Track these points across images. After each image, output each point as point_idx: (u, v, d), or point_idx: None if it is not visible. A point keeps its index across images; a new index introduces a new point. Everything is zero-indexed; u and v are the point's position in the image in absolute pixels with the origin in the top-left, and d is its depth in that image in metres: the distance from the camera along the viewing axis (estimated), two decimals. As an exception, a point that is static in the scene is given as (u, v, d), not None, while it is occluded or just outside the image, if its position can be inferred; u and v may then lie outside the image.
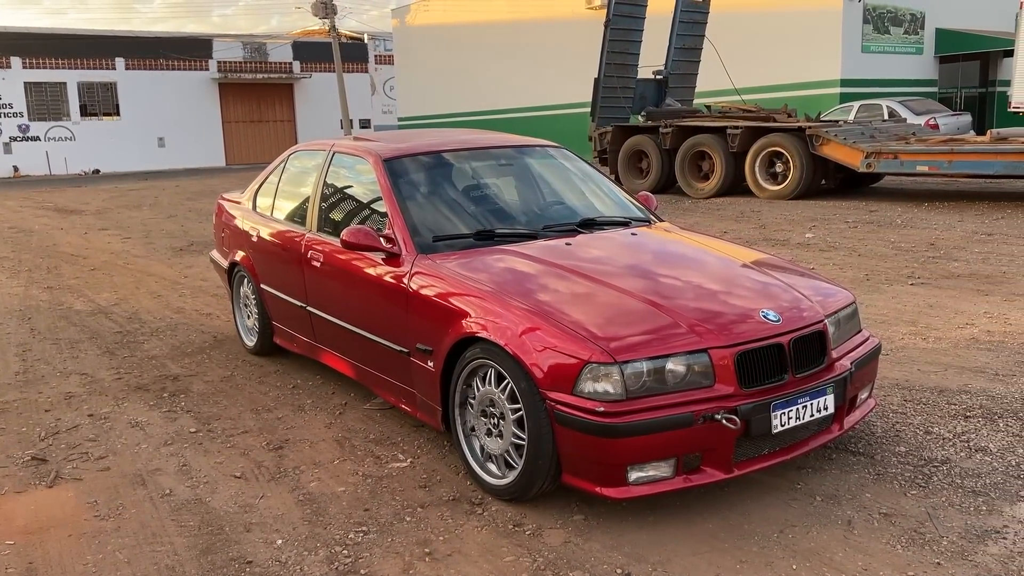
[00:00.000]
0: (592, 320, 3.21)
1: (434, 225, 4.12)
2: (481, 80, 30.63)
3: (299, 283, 4.78)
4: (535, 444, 3.17)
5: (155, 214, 15.50)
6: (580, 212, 4.47)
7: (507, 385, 3.30)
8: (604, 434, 3.00)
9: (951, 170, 11.61)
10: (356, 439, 4.12)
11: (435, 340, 3.66)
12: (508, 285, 3.52)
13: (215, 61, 39.33)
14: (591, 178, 4.88)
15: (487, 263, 3.76)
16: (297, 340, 5.05)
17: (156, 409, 4.64)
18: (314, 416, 4.46)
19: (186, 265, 9.38)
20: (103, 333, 6.36)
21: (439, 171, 4.50)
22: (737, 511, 3.26)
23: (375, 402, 4.61)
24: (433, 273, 3.75)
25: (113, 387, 5.06)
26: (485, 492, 3.47)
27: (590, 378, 3.04)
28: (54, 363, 5.61)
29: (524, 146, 4.90)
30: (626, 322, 3.21)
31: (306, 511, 3.38)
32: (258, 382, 5.07)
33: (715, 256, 4.01)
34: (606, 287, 3.46)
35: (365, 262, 4.16)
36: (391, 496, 3.49)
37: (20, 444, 4.20)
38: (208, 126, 39.48)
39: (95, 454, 4.04)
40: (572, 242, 4.01)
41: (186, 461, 3.93)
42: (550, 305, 3.32)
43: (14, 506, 3.53)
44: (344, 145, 4.84)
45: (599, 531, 3.14)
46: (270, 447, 4.06)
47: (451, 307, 3.57)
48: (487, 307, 3.42)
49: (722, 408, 3.08)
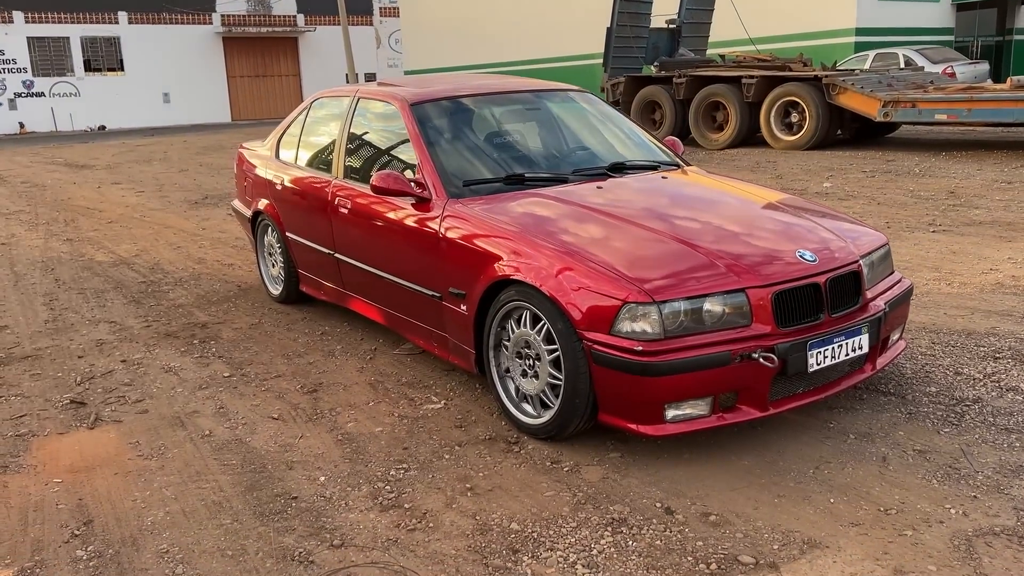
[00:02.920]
0: (628, 261, 3.22)
1: (463, 170, 4.12)
2: (489, 32, 30.27)
3: (326, 230, 4.79)
4: (572, 384, 3.21)
5: (166, 168, 15.47)
6: (609, 156, 4.46)
7: (543, 326, 3.32)
8: (642, 373, 3.03)
9: (970, 118, 11.49)
10: (389, 382, 4.17)
11: (468, 284, 3.68)
12: (541, 228, 3.52)
13: (218, 15, 38.88)
14: (617, 123, 4.86)
15: (519, 207, 3.76)
16: (324, 288, 5.08)
17: (188, 355, 4.69)
18: (345, 361, 4.51)
19: (203, 218, 9.39)
20: (127, 283, 6.40)
21: (466, 116, 4.48)
22: (772, 449, 3.30)
23: (405, 347, 4.65)
24: (465, 217, 3.76)
25: (143, 334, 5.11)
26: (521, 432, 3.52)
27: (628, 318, 3.06)
28: (82, 312, 5.66)
29: (549, 90, 4.87)
30: (663, 263, 3.22)
31: (346, 450, 3.44)
32: (286, 329, 5.11)
33: (748, 199, 4.01)
34: (640, 228, 3.46)
35: (394, 208, 4.17)
36: (428, 436, 3.54)
37: (58, 388, 4.26)
38: (213, 81, 39.15)
39: (132, 397, 4.09)
40: (603, 185, 4.01)
41: (222, 404, 3.98)
42: (585, 247, 3.33)
43: (58, 446, 3.59)
44: (369, 91, 4.82)
45: (636, 468, 3.19)
46: (304, 390, 4.10)
47: (484, 251, 3.59)
48: (521, 250, 3.43)
49: (759, 347, 3.10)
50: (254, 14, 39.88)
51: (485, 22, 30.31)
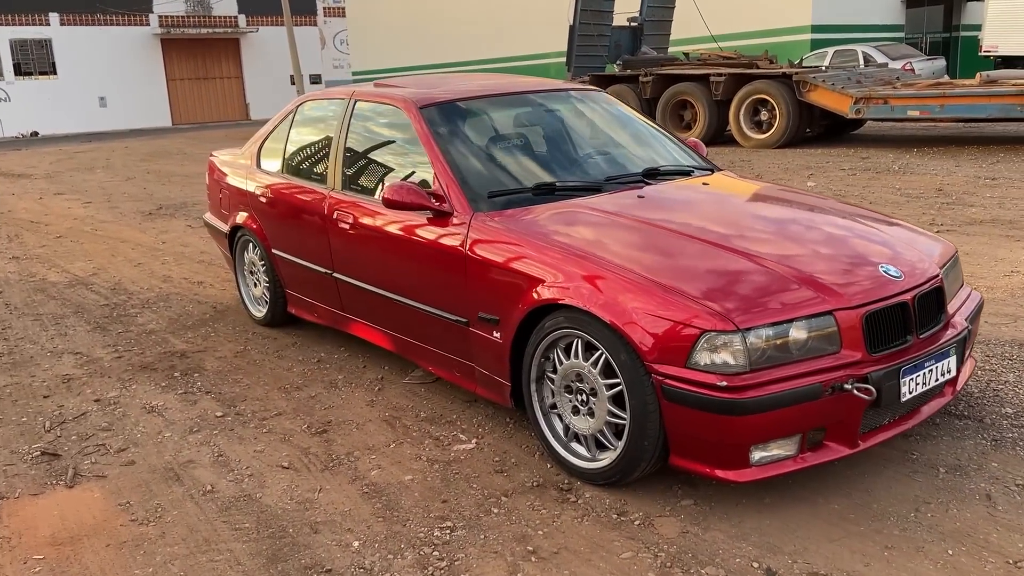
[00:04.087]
0: (701, 282, 2.84)
1: (486, 179, 3.70)
2: (439, 32, 29.75)
3: (322, 247, 4.33)
4: (639, 423, 2.81)
5: (111, 177, 14.69)
6: (639, 161, 4.08)
7: (600, 357, 2.93)
8: (727, 411, 2.65)
9: (943, 114, 11.41)
10: (406, 418, 3.73)
11: (503, 308, 3.26)
12: (590, 244, 3.12)
13: (156, 15, 37.67)
14: (637, 123, 4.48)
15: (559, 220, 3.35)
16: (318, 310, 4.61)
17: (170, 391, 4.19)
18: (351, 393, 4.05)
19: (160, 230, 8.78)
20: (88, 306, 5.83)
21: (480, 119, 4.06)
22: (858, 488, 2.95)
23: (415, 375, 4.21)
24: (497, 233, 3.34)
25: (114, 367, 4.57)
26: (572, 476, 3.11)
27: (707, 349, 2.68)
28: (40, 342, 5.09)
29: (563, 90, 4.48)
30: (739, 284, 2.85)
31: (376, 505, 2.99)
32: (276, 356, 4.63)
33: (801, 206, 3.66)
34: (703, 244, 3.08)
35: (407, 223, 3.74)
36: (467, 484, 3.11)
37: (24, 437, 3.72)
38: (151, 84, 37.93)
39: (113, 446, 3.59)
40: (644, 194, 3.62)
41: (220, 451, 3.50)
42: (648, 266, 2.94)
43: (34, 511, 3.07)
44: (367, 93, 4.36)
45: (716, 518, 2.81)
46: (312, 431, 3.64)
47: (522, 272, 3.17)
48: (569, 270, 3.03)
49: (851, 376, 2.75)
50: (193, 15, 38.73)
51: (435, 22, 29.79)
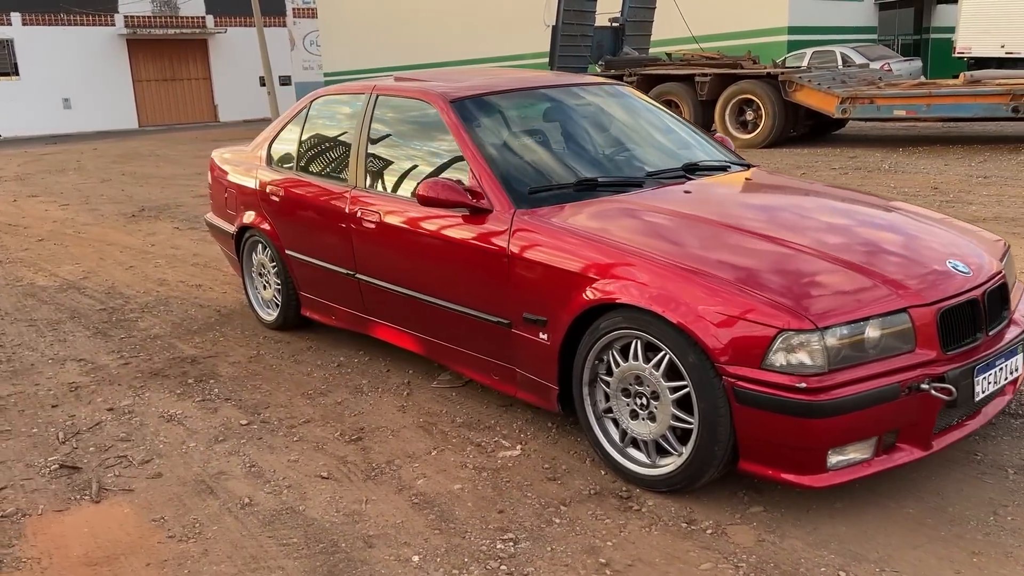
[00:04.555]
0: (773, 280, 2.73)
1: (525, 175, 3.57)
2: (414, 33, 29.53)
3: (343, 247, 4.16)
4: (708, 427, 2.70)
5: (85, 179, 14.32)
6: (675, 155, 3.97)
7: (663, 359, 2.81)
8: (805, 414, 2.54)
9: (930, 114, 11.48)
10: (442, 424, 3.58)
11: (551, 309, 3.13)
12: (648, 242, 3.00)
13: (122, 16, 37.00)
14: (665, 117, 4.36)
15: (610, 217, 3.23)
16: (337, 312, 4.44)
17: (187, 398, 4.00)
18: (379, 399, 3.89)
19: (147, 232, 8.53)
20: (84, 311, 5.60)
21: (512, 113, 3.92)
22: (928, 490, 2.86)
23: (443, 378, 4.07)
24: (543, 231, 3.21)
25: (123, 374, 4.37)
26: (630, 483, 2.99)
27: (783, 349, 2.57)
28: (39, 348, 4.86)
29: (589, 84, 4.35)
30: (812, 281, 2.74)
31: (429, 517, 2.84)
32: (294, 361, 4.45)
33: (856, 203, 3.57)
34: (766, 241, 2.97)
35: (440, 221, 3.59)
36: (521, 493, 2.98)
37: (38, 449, 3.52)
38: (117, 85, 37.21)
39: (136, 458, 3.40)
40: (691, 189, 3.51)
41: (252, 461, 3.33)
42: (713, 263, 2.83)
43: (61, 529, 2.89)
44: (390, 87, 4.21)
45: (789, 524, 2.71)
46: (346, 439, 3.48)
47: (575, 270, 3.04)
48: (627, 268, 2.90)
49: (926, 376, 2.66)
50: (160, 15, 38.09)
51: (409, 23, 29.56)
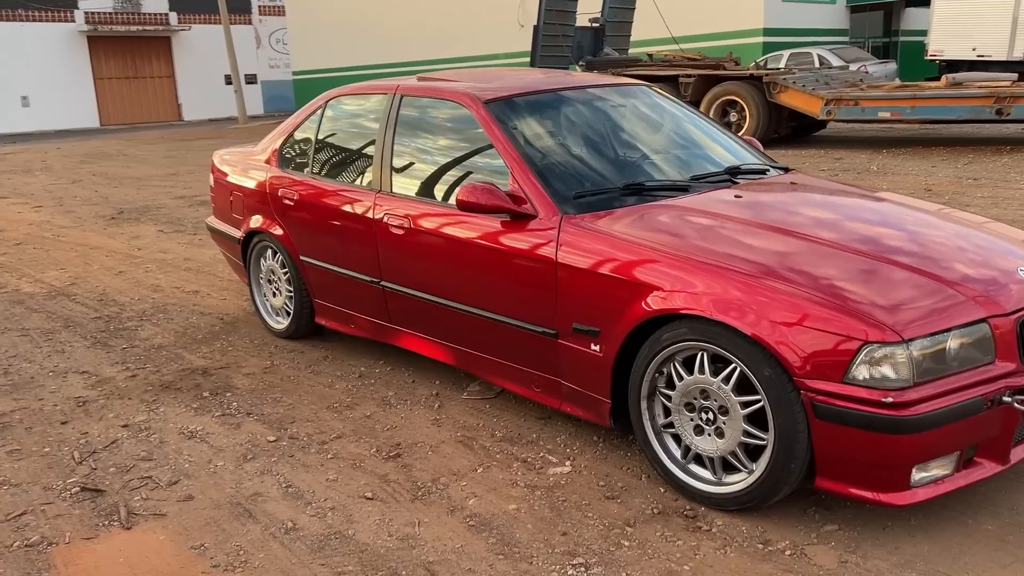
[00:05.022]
0: (850, 289, 2.63)
1: (568, 178, 3.43)
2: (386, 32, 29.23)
3: (367, 254, 4.00)
4: (785, 443, 2.59)
5: (55, 179, 13.91)
6: (713, 157, 3.86)
7: (733, 372, 2.69)
8: (892, 429, 2.44)
9: (914, 116, 11.56)
10: (482, 438, 3.44)
11: (605, 319, 3.01)
12: (713, 248, 2.89)
13: (82, 12, 36.19)
14: (696, 119, 4.26)
15: (664, 222, 3.11)
16: (357, 321, 4.28)
17: (205, 413, 3.81)
18: (410, 411, 3.74)
19: (131, 236, 8.25)
20: (78, 320, 5.35)
21: (548, 115, 3.79)
22: (1003, 506, 2.78)
23: (473, 389, 3.92)
24: (595, 237, 3.08)
25: (132, 388, 4.16)
26: (693, 501, 2.87)
27: (867, 362, 2.47)
28: (37, 360, 4.63)
29: (620, 85, 4.23)
30: (892, 291, 2.65)
31: (490, 541, 2.70)
32: (312, 372, 4.27)
33: (909, 207, 3.49)
34: (837, 249, 2.87)
35: (478, 227, 3.45)
36: (581, 513, 2.84)
37: (54, 471, 3.31)
38: (78, 84, 36.39)
39: (162, 479, 3.21)
40: (741, 194, 3.40)
41: (287, 481, 3.15)
42: (784, 271, 2.72)
43: (94, 559, 2.69)
44: (416, 88, 4.05)
45: (868, 544, 2.60)
46: (383, 455, 3.32)
47: (632, 279, 2.92)
48: (693, 277, 2.78)
49: (1008, 388, 2.58)
50: (121, 12, 37.32)
51: (381, 21, 29.26)
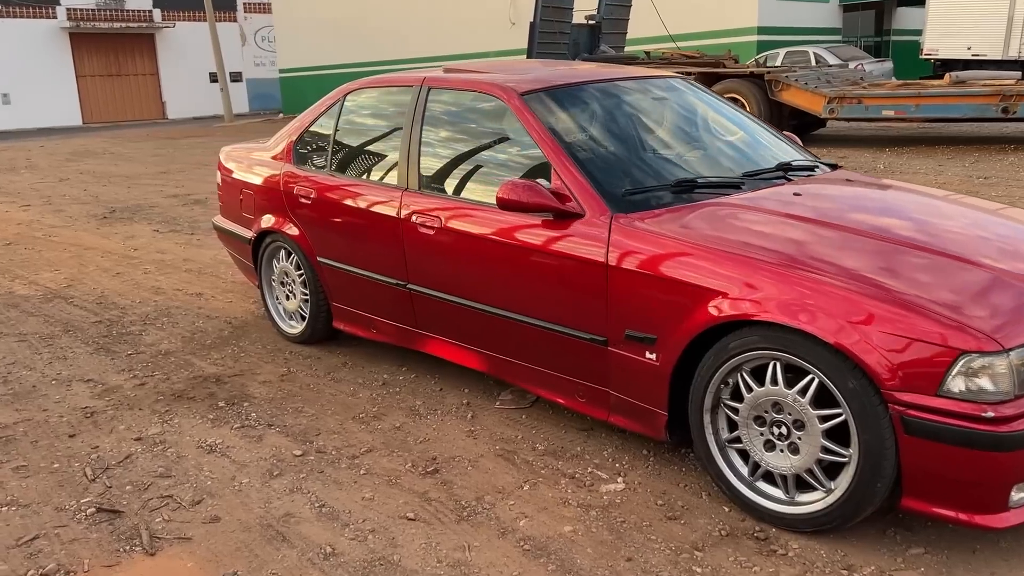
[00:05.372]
0: (941, 294, 2.44)
1: (616, 175, 3.23)
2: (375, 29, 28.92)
3: (392, 255, 3.78)
4: (871, 461, 2.40)
5: (41, 178, 13.57)
6: (761, 153, 3.67)
7: (810, 384, 2.50)
8: (992, 446, 2.26)
9: (918, 114, 11.42)
10: (523, 452, 3.23)
11: (662, 326, 2.81)
12: (783, 250, 2.69)
13: (64, 8, 35.65)
14: (735, 113, 4.06)
15: (726, 221, 2.91)
16: (379, 325, 4.06)
17: (222, 424, 3.58)
18: (441, 422, 3.52)
19: (126, 235, 7.98)
20: (78, 324, 5.10)
21: (587, 107, 3.58)
22: (1093, 525, 2.60)
23: (505, 398, 3.71)
24: (651, 238, 2.87)
25: (140, 396, 3.92)
26: (762, 521, 2.67)
27: (964, 373, 2.28)
28: (37, 367, 4.37)
29: (655, 77, 4.03)
30: (983, 296, 2.46)
31: (549, 567, 2.49)
32: (331, 379, 4.05)
33: (971, 207, 3.32)
34: (916, 250, 2.69)
35: (518, 226, 3.24)
36: (643, 535, 2.64)
37: (66, 489, 3.07)
38: (60, 81, 35.87)
39: (184, 498, 2.98)
40: (800, 191, 3.21)
41: (319, 499, 2.93)
42: (866, 275, 2.53)
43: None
44: (443, 80, 3.84)
45: (960, 569, 2.42)
46: (420, 471, 3.11)
47: (694, 283, 2.72)
48: (765, 281, 2.59)
49: (1100, 401, 2.40)
50: (104, 8, 36.82)
51: (370, 18, 28.95)
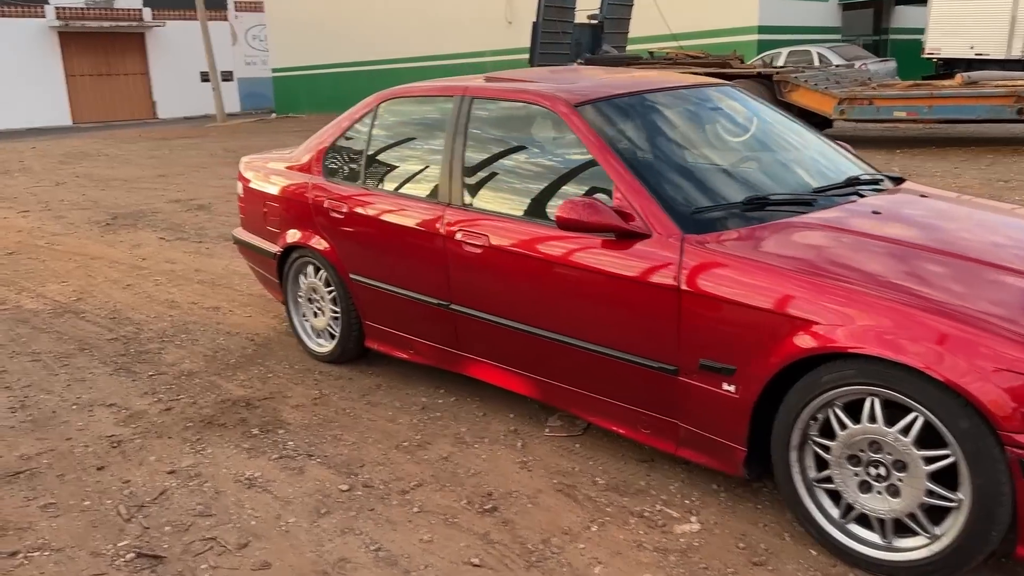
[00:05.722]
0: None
1: (682, 193, 3.05)
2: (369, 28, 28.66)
3: (434, 274, 3.60)
4: (984, 506, 2.23)
5: (36, 181, 13.30)
6: (825, 167, 3.49)
7: (913, 422, 2.33)
8: (1122, 492, 2.09)
9: (931, 115, 11.29)
10: (583, 487, 3.05)
11: (743, 356, 2.63)
12: (878, 275, 2.52)
13: (52, 7, 35.25)
14: (790, 122, 3.88)
15: (809, 243, 2.73)
16: (417, 346, 3.87)
17: (259, 455, 3.38)
18: (490, 452, 3.34)
19: (132, 244, 7.75)
20: (93, 341, 4.89)
21: (644, 120, 3.39)
22: None
23: (554, 425, 3.53)
24: (729, 261, 2.69)
25: (168, 423, 3.72)
26: (856, 567, 2.50)
27: (1089, 412, 2.11)
28: (55, 390, 4.17)
29: (706, 86, 3.84)
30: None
31: (636, 621, 2.31)
32: (366, 403, 3.86)
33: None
34: (1019, 275, 2.52)
35: (574, 246, 3.06)
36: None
37: (100, 530, 2.87)
38: (49, 80, 35.49)
39: (230, 540, 2.78)
40: (880, 210, 3.04)
41: (374, 540, 2.74)
42: (972, 303, 2.36)
43: (169, 651, 2.27)
44: (487, 89, 3.65)
45: (1080, 622, 2.25)
46: (477, 508, 2.92)
47: (779, 310, 2.54)
48: (862, 310, 2.41)
49: None
50: (94, 7, 36.44)
51: (364, 18, 28.68)
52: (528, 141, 3.48)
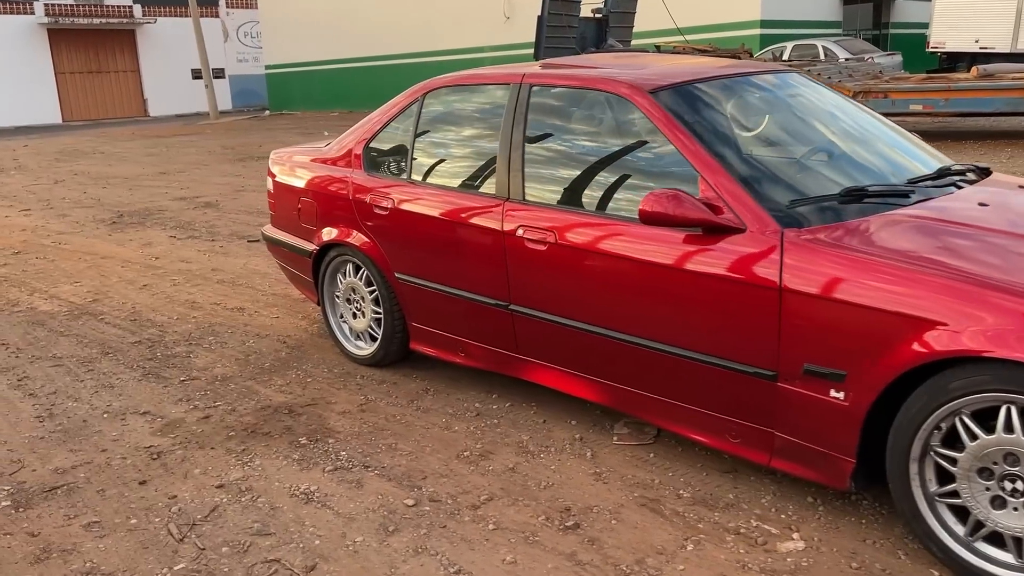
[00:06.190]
0: None
1: (775, 184, 2.84)
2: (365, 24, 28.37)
3: (492, 272, 3.39)
4: None
5: (34, 180, 13.01)
6: (910, 158, 3.29)
7: (1058, 433, 2.13)
8: None
9: (948, 108, 11.14)
10: (668, 500, 2.84)
11: (855, 360, 2.43)
12: (1008, 271, 2.32)
13: (41, 4, 34.83)
14: (861, 110, 3.68)
15: (922, 237, 2.53)
16: (469, 349, 3.66)
17: (311, 466, 3.16)
18: (558, 462, 3.13)
19: (142, 242, 7.50)
20: (116, 345, 4.65)
21: (724, 107, 3.19)
22: None
23: (622, 432, 3.33)
24: (836, 257, 2.49)
25: (208, 432, 3.50)
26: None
27: None
28: (82, 397, 3.94)
29: (777, 72, 3.62)
30: None
31: (759, 653, 2.11)
32: (417, 409, 3.64)
33: None
34: None
35: (651, 242, 2.86)
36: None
37: (152, 553, 2.65)
38: (38, 78, 35.07)
39: (295, 562, 2.56)
40: (987, 202, 2.84)
41: (453, 561, 2.53)
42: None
43: None
44: (547, 76, 3.44)
45: None
46: (557, 525, 2.71)
47: (898, 310, 2.34)
48: (992, 310, 2.21)
49: None
50: (84, 4, 36.01)
51: (357, 12, 28.39)
52: (595, 130, 3.26)
